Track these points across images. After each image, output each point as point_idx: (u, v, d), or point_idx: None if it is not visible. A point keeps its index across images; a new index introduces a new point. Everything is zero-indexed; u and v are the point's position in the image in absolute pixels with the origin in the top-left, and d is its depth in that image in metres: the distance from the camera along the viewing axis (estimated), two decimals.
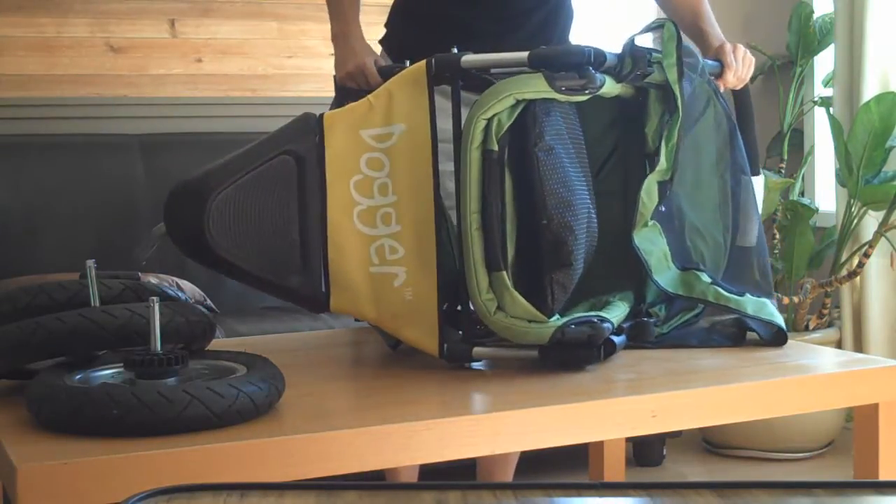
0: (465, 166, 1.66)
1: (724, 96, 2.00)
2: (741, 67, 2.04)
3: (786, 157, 3.70)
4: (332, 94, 2.16)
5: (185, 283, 3.05)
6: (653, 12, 3.92)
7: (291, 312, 3.19)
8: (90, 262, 1.60)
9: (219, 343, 1.85)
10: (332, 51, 2.22)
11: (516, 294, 1.65)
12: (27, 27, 3.60)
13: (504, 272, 1.66)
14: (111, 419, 1.36)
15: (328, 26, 2.28)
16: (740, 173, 1.97)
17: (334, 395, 1.64)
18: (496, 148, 1.65)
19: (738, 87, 2.07)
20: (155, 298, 1.45)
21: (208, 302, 3.05)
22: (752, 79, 3.79)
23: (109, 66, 3.70)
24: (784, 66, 3.73)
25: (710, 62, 2.01)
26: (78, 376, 1.50)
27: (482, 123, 1.65)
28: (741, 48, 2.06)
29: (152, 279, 2.84)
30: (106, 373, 1.54)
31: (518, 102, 1.66)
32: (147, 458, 1.30)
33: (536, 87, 1.66)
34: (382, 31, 2.36)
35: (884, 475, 1.72)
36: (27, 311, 1.58)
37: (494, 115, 1.65)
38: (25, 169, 3.33)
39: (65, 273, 2.78)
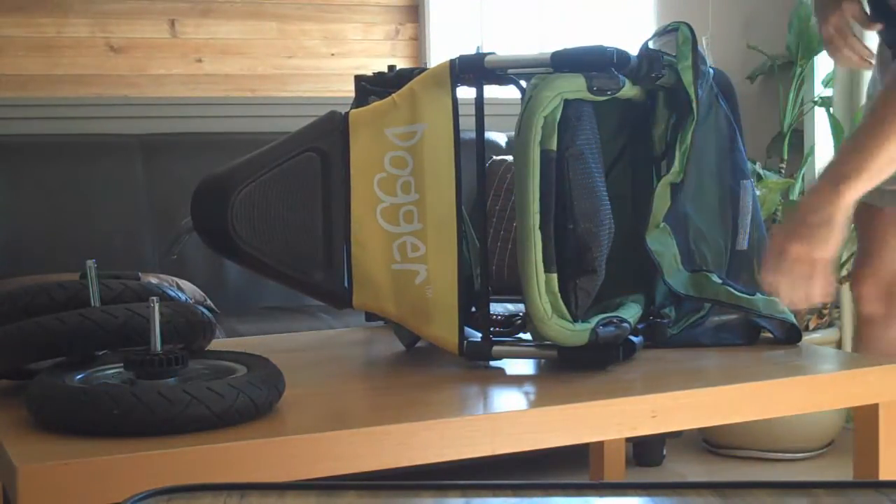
0: (529, 165, 1.64)
1: (723, 99, 2.01)
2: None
3: (786, 157, 3.70)
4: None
5: (185, 283, 3.05)
6: (650, 12, 3.93)
7: (291, 312, 3.19)
8: (90, 262, 1.60)
9: (219, 343, 1.85)
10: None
11: (559, 297, 1.65)
12: (27, 27, 3.61)
13: (555, 274, 1.65)
14: (111, 419, 1.36)
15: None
16: (741, 177, 1.97)
17: (334, 395, 1.64)
18: (554, 148, 1.64)
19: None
20: (155, 298, 1.45)
21: (208, 302, 3.05)
22: (752, 79, 3.81)
23: (109, 66, 3.70)
24: (784, 66, 3.73)
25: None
26: (78, 376, 1.50)
27: (541, 121, 1.64)
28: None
29: (152, 279, 2.85)
30: (106, 373, 1.54)
31: (560, 102, 1.65)
32: (147, 458, 1.30)
33: (576, 87, 1.66)
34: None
35: (884, 475, 1.72)
36: (27, 311, 1.58)
37: (550, 114, 1.64)
38: (25, 169, 3.33)
39: (65, 273, 2.79)
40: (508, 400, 1.63)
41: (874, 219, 2.28)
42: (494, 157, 3.52)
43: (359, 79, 1.94)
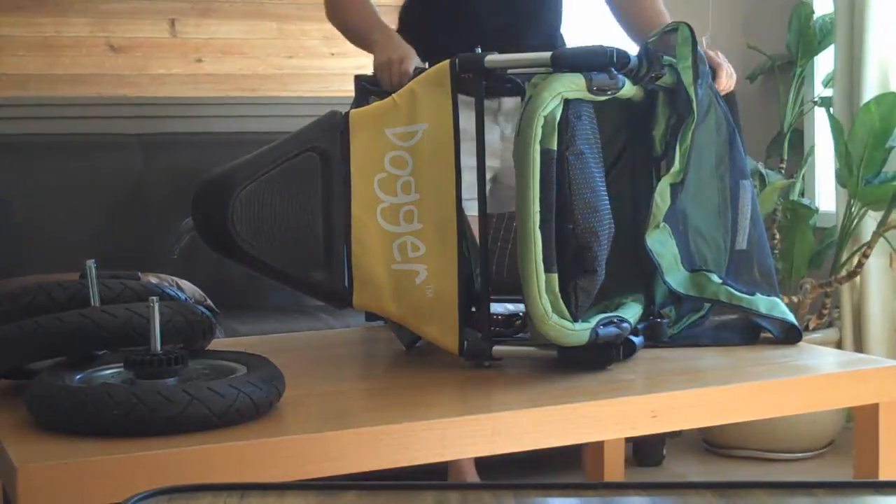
0: (529, 164, 1.63)
1: (722, 100, 2.01)
2: (726, 73, 2.13)
3: (786, 157, 3.70)
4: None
5: (185, 283, 3.05)
6: None
7: (291, 312, 3.19)
8: (90, 262, 1.60)
9: (219, 343, 1.85)
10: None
11: (559, 297, 1.65)
12: (27, 27, 3.60)
13: (555, 274, 1.65)
14: (111, 419, 1.36)
15: (328, 26, 2.28)
16: (739, 176, 1.97)
17: (334, 395, 1.64)
18: (554, 147, 1.64)
19: (725, 91, 2.13)
20: (155, 298, 1.45)
21: (208, 302, 3.04)
22: (752, 79, 3.81)
23: (109, 65, 3.70)
24: (784, 66, 3.73)
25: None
26: (78, 376, 1.50)
27: (541, 121, 1.64)
28: (718, 53, 2.15)
29: (152, 279, 2.84)
30: (106, 373, 1.54)
31: (560, 102, 1.66)
32: (147, 458, 1.30)
33: (576, 87, 1.66)
34: None
35: (884, 475, 1.72)
36: (27, 311, 1.58)
37: (550, 113, 1.64)
38: (25, 169, 3.33)
39: (65, 273, 2.78)
40: (508, 400, 1.63)
41: None
42: None
43: (359, 79, 1.94)
